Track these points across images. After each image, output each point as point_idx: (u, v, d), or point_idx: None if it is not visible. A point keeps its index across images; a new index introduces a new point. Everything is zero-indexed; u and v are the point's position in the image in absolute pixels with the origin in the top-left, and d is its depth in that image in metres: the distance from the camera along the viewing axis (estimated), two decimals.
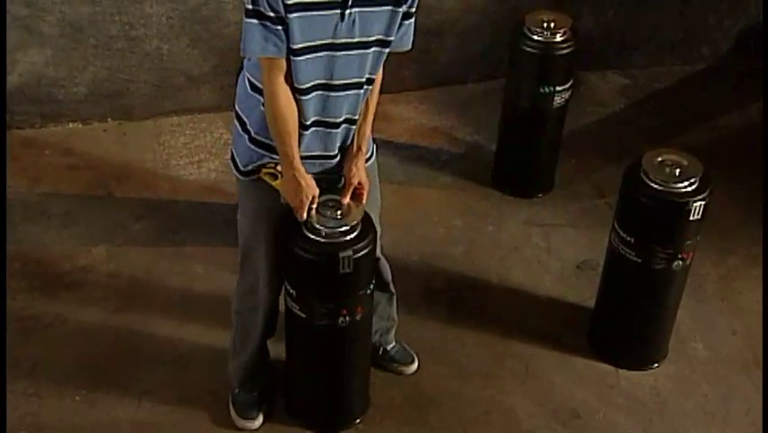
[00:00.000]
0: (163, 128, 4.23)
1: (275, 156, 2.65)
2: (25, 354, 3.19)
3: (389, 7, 2.49)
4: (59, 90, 4.13)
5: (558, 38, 3.69)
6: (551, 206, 3.96)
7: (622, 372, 3.30)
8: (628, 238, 3.07)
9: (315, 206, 2.69)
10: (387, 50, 2.59)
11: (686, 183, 2.95)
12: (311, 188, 2.66)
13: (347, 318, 2.78)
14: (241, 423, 3.03)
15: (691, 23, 4.77)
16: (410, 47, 2.64)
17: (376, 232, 2.78)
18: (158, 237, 3.69)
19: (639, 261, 3.07)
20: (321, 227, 2.68)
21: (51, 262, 3.55)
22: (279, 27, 2.43)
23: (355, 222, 2.70)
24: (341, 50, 2.50)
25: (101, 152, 4.09)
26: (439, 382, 3.22)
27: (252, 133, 2.67)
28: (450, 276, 3.59)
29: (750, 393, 3.25)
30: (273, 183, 2.69)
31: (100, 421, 3.03)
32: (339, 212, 2.71)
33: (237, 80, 2.77)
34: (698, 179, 2.96)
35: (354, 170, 2.72)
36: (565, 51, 3.70)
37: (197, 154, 4.11)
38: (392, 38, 2.55)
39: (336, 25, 2.45)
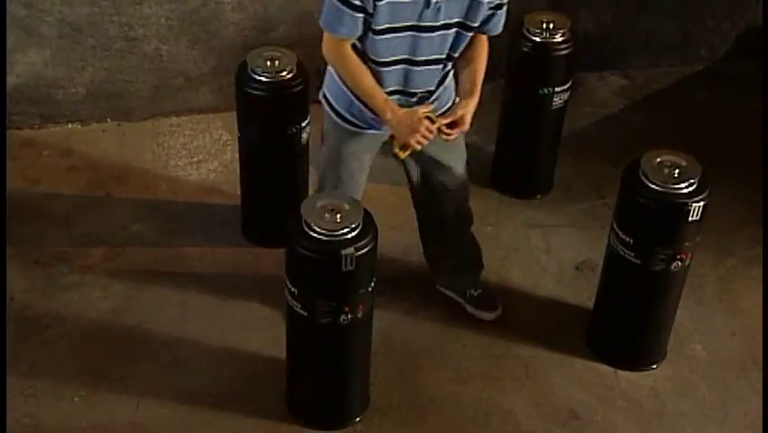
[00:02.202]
0: (162, 129, 4.23)
1: (366, 117, 2.87)
2: (23, 355, 3.19)
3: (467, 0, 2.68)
4: (58, 91, 4.12)
5: (557, 39, 3.70)
6: (550, 207, 3.96)
7: (621, 373, 3.30)
8: (627, 239, 3.07)
9: (432, 116, 2.82)
10: (469, 33, 2.78)
11: (685, 184, 2.95)
12: (415, 112, 2.80)
13: (349, 317, 2.78)
14: None
15: (690, 24, 4.77)
16: (500, 32, 2.86)
17: (377, 230, 2.79)
18: (157, 238, 3.69)
19: (638, 262, 3.07)
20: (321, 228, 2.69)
21: (50, 262, 3.55)
22: (360, 15, 2.64)
23: (355, 222, 2.70)
24: (424, 32, 2.70)
25: (100, 153, 4.09)
26: (438, 383, 3.23)
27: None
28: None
29: (749, 395, 3.25)
30: (404, 153, 2.88)
31: (98, 422, 3.03)
32: (339, 215, 2.72)
33: None
34: (697, 180, 2.97)
35: (464, 104, 2.87)
36: (564, 53, 3.70)
37: (196, 155, 4.11)
38: (474, 24, 2.75)
39: (422, 11, 2.64)
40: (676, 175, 2.97)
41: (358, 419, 3.08)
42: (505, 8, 2.82)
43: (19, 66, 4.02)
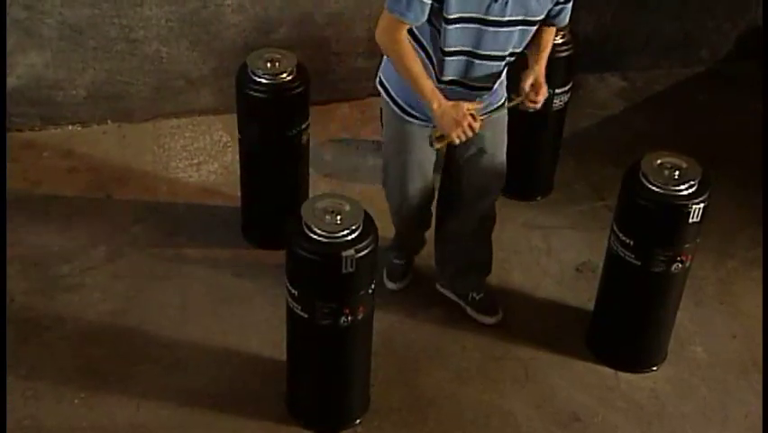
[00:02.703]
0: (163, 130, 4.23)
1: (424, 110, 2.91)
2: (24, 357, 3.19)
3: None
4: (59, 92, 4.13)
5: (557, 41, 3.68)
6: (550, 208, 3.96)
7: (621, 374, 3.30)
8: (628, 241, 3.07)
9: (475, 114, 2.85)
10: (533, 29, 2.84)
11: (685, 186, 2.95)
12: (461, 106, 2.82)
13: (349, 318, 2.78)
14: (389, 284, 3.49)
15: (690, 25, 4.77)
16: (566, 23, 2.94)
17: (377, 231, 2.79)
18: (157, 239, 3.69)
19: (638, 263, 3.07)
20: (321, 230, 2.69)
21: (50, 264, 3.55)
22: (429, 2, 2.68)
23: (356, 223, 2.71)
24: (491, 26, 2.75)
25: (100, 155, 4.09)
26: (438, 384, 3.22)
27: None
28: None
29: (749, 396, 3.25)
30: (442, 143, 2.91)
31: (99, 424, 3.03)
32: (339, 216, 2.72)
33: None
34: (697, 181, 2.96)
35: (535, 70, 2.94)
36: (564, 54, 3.69)
37: (197, 156, 4.11)
38: (538, 18, 2.81)
39: (490, 4, 2.69)
40: (676, 177, 2.97)
41: (358, 420, 3.08)
42: (572, 1, 2.87)
43: (20, 67, 4.02)
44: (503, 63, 2.89)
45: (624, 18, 4.66)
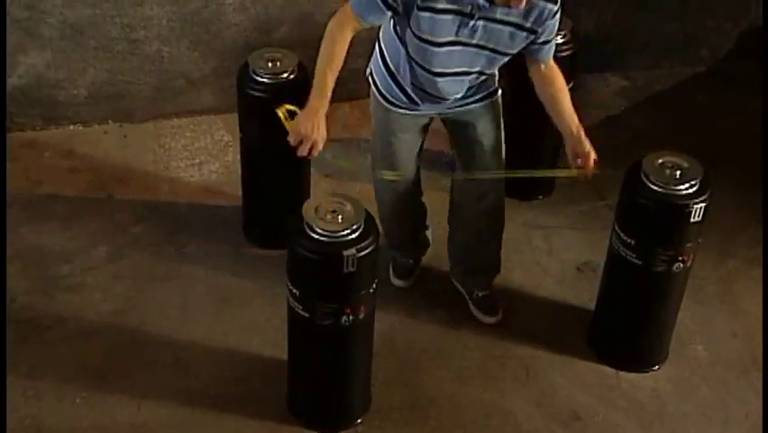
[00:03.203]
0: (164, 130, 4.23)
1: (402, 99, 3.01)
2: (25, 356, 3.19)
3: (511, 28, 2.77)
4: (60, 92, 4.13)
5: (558, 40, 3.69)
6: (551, 208, 3.96)
7: (622, 374, 3.30)
8: (629, 240, 3.07)
9: (315, 153, 2.82)
10: (505, 58, 2.88)
11: (686, 185, 2.96)
12: (322, 132, 2.81)
13: (350, 318, 2.78)
14: (396, 281, 3.50)
15: (690, 25, 4.77)
16: (550, 61, 2.98)
17: (378, 231, 2.79)
18: (158, 239, 3.69)
19: (639, 263, 3.07)
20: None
21: (51, 263, 3.55)
22: (389, 13, 2.76)
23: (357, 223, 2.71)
24: (458, 45, 2.80)
25: (101, 154, 4.09)
26: (439, 384, 3.23)
27: (392, 71, 3.01)
28: (450, 278, 3.59)
29: (750, 396, 3.25)
30: (285, 122, 2.84)
31: (100, 423, 3.03)
32: (340, 216, 2.72)
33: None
34: (698, 181, 2.97)
35: (576, 140, 3.00)
36: (565, 54, 3.69)
37: (198, 156, 4.11)
38: (510, 51, 2.85)
39: (459, 27, 2.74)
40: (677, 176, 2.97)
41: (359, 420, 3.08)
42: (554, 41, 2.92)
43: (21, 67, 4.02)
44: (474, 77, 2.94)
45: (624, 18, 4.66)
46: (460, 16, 2.73)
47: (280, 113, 2.90)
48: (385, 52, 3.04)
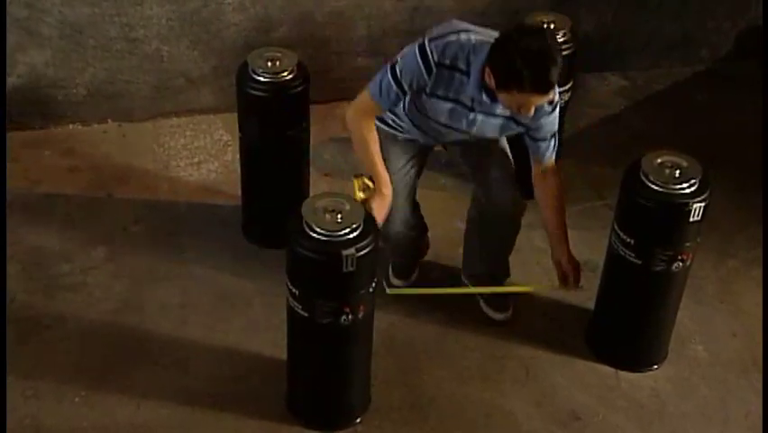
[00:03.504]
0: (163, 129, 4.23)
1: (402, 127, 3.11)
2: (24, 356, 3.19)
3: (505, 120, 2.95)
4: (59, 91, 4.13)
5: (557, 39, 3.69)
6: None
7: (622, 373, 3.30)
8: (628, 240, 3.07)
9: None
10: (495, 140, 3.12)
11: (686, 185, 2.95)
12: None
13: (349, 317, 2.78)
14: (396, 281, 3.50)
15: (690, 25, 4.77)
16: (547, 162, 3.09)
17: (378, 230, 2.79)
18: (157, 238, 3.69)
19: (639, 262, 3.07)
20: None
21: (51, 263, 3.55)
22: (403, 97, 2.92)
23: (356, 222, 2.71)
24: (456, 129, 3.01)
25: (101, 154, 4.09)
26: (439, 384, 3.22)
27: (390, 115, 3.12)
28: (450, 278, 3.58)
29: (749, 395, 3.25)
30: (357, 193, 3.02)
31: (99, 423, 3.03)
32: (339, 215, 2.72)
33: None
34: (697, 180, 2.97)
35: (560, 251, 3.14)
36: (564, 53, 3.68)
37: (197, 155, 4.11)
38: (500, 138, 3.10)
39: (459, 116, 2.93)
40: (677, 176, 2.97)
41: (359, 419, 3.08)
42: (554, 140, 3.03)
43: (20, 66, 4.02)
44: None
45: (624, 18, 4.66)
46: (460, 106, 2.90)
47: (357, 183, 3.03)
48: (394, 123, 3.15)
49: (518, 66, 2.66)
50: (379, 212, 2.99)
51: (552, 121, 2.95)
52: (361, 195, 3.02)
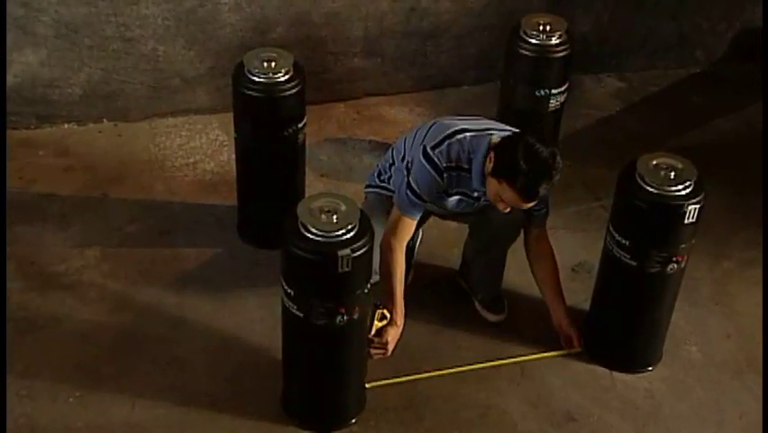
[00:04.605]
0: (159, 129, 4.23)
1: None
2: (19, 355, 3.19)
3: None
4: (54, 91, 4.12)
5: (554, 41, 3.70)
6: None
7: (616, 375, 3.30)
8: (623, 241, 3.07)
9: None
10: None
11: (681, 186, 2.96)
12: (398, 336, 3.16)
13: (345, 318, 2.78)
14: None
15: (686, 26, 4.78)
16: (539, 229, 3.26)
17: (373, 231, 2.79)
18: (153, 238, 3.69)
19: (634, 264, 3.07)
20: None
21: (46, 263, 3.55)
22: (425, 205, 3.09)
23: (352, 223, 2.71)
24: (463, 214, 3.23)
25: (96, 154, 4.08)
26: (434, 384, 3.23)
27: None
28: (445, 278, 3.59)
29: (744, 397, 3.25)
30: (376, 323, 3.09)
31: (94, 423, 3.03)
32: (335, 216, 2.72)
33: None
34: (692, 182, 2.97)
35: (559, 315, 3.30)
36: (561, 54, 3.70)
37: (193, 155, 4.11)
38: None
39: (468, 205, 3.15)
40: (672, 177, 2.97)
41: (354, 420, 3.08)
42: (547, 207, 3.19)
43: (15, 66, 4.01)
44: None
45: (621, 19, 4.67)
46: (466, 198, 3.09)
47: (378, 314, 3.10)
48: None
49: (520, 164, 2.83)
50: (392, 341, 3.14)
51: (546, 192, 3.01)
52: (378, 324, 3.10)
